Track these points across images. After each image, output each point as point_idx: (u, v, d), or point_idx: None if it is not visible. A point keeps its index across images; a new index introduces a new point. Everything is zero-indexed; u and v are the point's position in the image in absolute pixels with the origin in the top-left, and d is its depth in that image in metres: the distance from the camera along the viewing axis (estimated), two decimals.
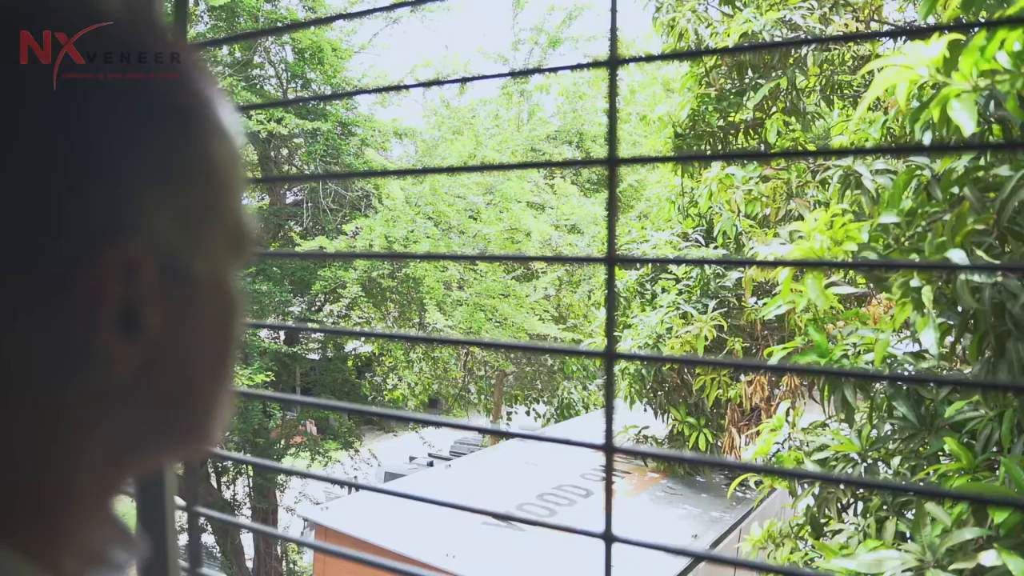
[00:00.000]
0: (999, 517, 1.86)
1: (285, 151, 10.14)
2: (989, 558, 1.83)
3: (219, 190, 0.52)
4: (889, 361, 2.55)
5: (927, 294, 1.90)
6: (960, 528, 1.97)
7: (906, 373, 2.72)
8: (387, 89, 1.06)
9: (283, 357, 9.16)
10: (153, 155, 0.48)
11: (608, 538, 1.03)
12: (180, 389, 0.52)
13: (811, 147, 5.07)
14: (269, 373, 8.23)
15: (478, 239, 9.13)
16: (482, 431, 1.40)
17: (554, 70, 0.99)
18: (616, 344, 0.94)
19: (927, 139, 2.51)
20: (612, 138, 0.97)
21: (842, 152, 0.86)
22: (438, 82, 1.21)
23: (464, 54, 12.74)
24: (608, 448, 0.99)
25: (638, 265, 6.66)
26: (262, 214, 9.77)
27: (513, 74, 1.12)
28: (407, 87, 1.10)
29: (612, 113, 0.96)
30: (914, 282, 1.97)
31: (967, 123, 1.82)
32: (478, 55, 12.33)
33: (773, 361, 2.92)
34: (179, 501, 1.33)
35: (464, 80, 1.09)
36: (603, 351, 0.95)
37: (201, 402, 0.54)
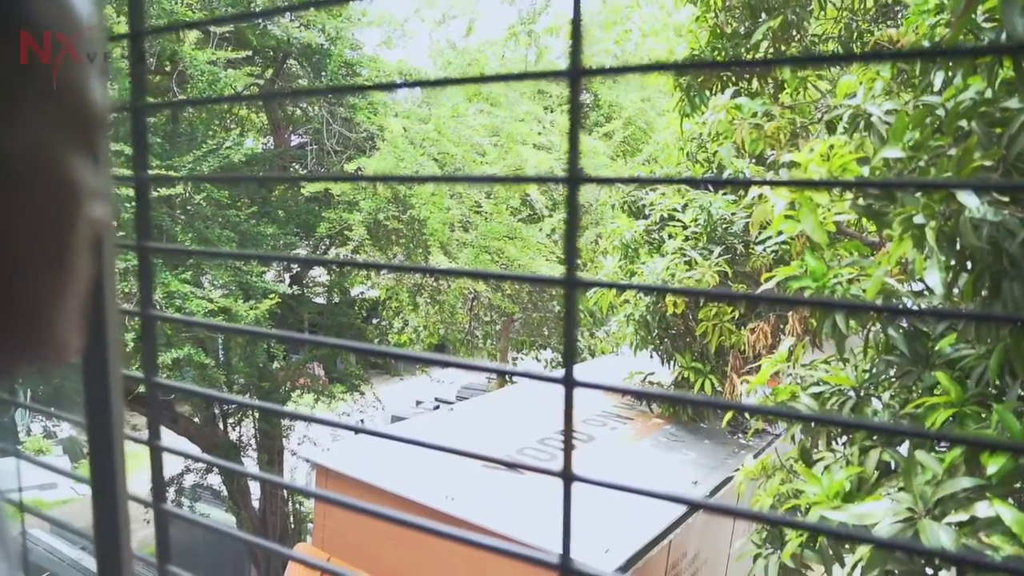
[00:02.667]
0: (993, 465, 1.80)
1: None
2: (983, 509, 1.78)
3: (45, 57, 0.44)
4: (886, 296, 2.49)
5: (930, 231, 1.82)
6: (952, 477, 1.92)
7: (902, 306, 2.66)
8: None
9: (288, 299, 9.14)
10: None
11: (567, 476, 0.98)
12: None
13: (823, 85, 4.94)
14: (273, 296, 8.18)
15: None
16: (461, 367, 1.34)
17: None
18: (577, 271, 0.87)
19: (939, 80, 2.41)
20: (576, 48, 0.89)
21: (830, 60, 0.78)
22: None
23: None
24: (568, 382, 0.93)
25: (646, 212, 6.57)
26: (266, 157, 9.68)
27: None
28: None
29: (576, 20, 0.88)
30: (918, 219, 1.88)
31: None
32: None
33: (767, 287, 2.86)
34: (140, 436, 1.28)
35: None
36: (563, 278, 0.88)
37: (30, 306, 0.46)
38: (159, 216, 7.67)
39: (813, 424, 3.06)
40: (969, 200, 1.78)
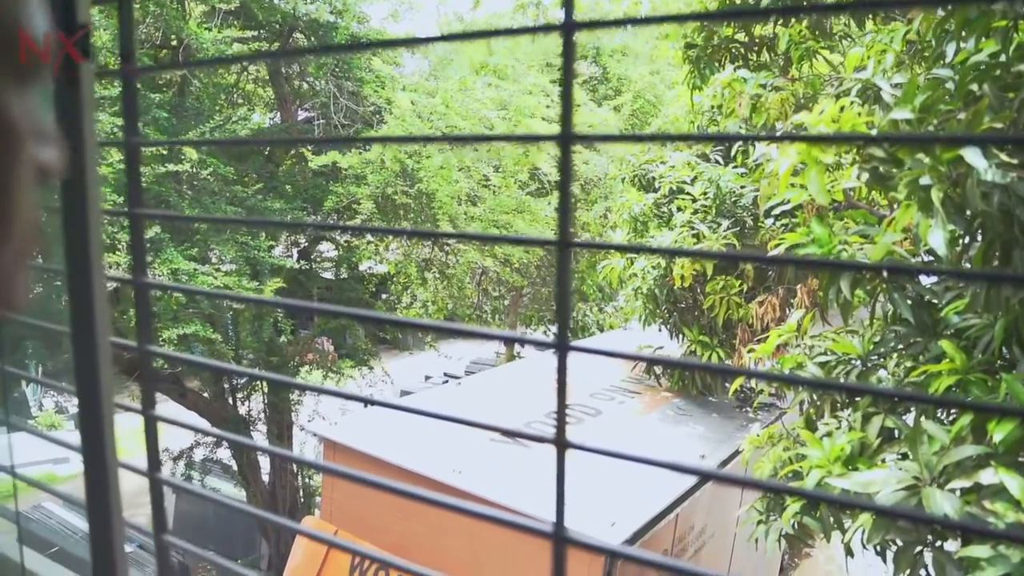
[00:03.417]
0: (999, 433, 1.77)
1: (296, 66, 9.97)
2: (987, 476, 1.76)
3: None
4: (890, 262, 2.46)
5: (936, 193, 1.78)
6: (959, 446, 1.89)
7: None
8: None
9: (296, 275, 9.13)
10: None
11: (560, 444, 0.96)
12: None
13: (834, 58, 4.87)
14: (278, 280, 8.17)
15: (491, 154, 8.98)
16: (460, 333, 1.32)
17: None
18: (571, 235, 0.84)
19: (951, 50, 2.36)
20: (569, 2, 0.86)
21: (827, 9, 0.75)
22: None
23: None
24: (561, 346, 0.91)
25: (656, 185, 6.52)
26: (273, 132, 9.64)
27: None
28: None
29: None
30: (924, 180, 1.84)
31: None
32: None
33: (774, 254, 2.83)
34: (132, 405, 1.27)
35: None
36: (555, 240, 0.86)
37: None
38: (166, 191, 7.65)
39: (816, 396, 3.04)
40: (977, 161, 1.74)
